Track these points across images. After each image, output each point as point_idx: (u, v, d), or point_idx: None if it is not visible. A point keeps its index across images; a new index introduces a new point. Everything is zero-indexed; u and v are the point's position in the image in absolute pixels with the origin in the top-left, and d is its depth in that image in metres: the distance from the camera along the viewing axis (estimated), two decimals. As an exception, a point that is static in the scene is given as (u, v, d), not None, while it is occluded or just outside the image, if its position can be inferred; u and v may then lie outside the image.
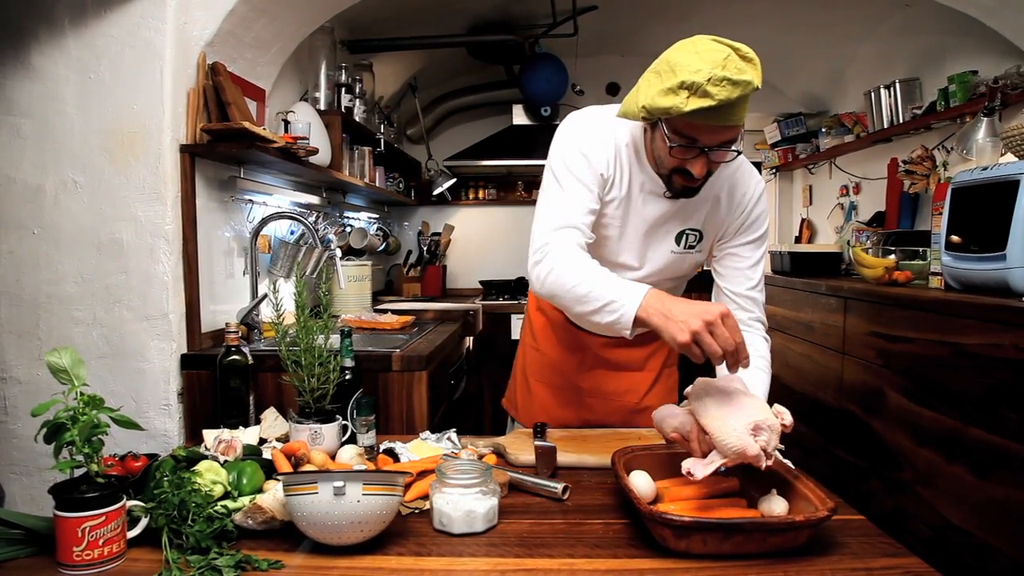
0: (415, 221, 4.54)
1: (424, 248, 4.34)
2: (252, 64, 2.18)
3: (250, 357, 1.63)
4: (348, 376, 1.53)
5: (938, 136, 2.95)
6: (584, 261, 1.22)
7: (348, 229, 3.34)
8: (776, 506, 1.05)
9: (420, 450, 1.40)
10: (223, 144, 1.88)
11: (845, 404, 2.51)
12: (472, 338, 3.19)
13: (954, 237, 2.05)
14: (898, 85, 3.08)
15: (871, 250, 2.69)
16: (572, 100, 4.00)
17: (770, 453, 1.03)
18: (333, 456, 1.31)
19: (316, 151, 2.25)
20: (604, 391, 1.64)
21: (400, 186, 3.92)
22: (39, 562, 0.96)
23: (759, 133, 4.49)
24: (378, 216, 4.09)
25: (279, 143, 1.97)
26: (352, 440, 1.41)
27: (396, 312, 2.74)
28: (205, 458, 1.17)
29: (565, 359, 1.64)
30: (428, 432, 1.50)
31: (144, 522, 1.01)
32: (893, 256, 2.55)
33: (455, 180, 4.19)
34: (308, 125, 2.22)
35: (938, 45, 2.97)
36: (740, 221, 1.38)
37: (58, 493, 0.93)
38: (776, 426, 1.05)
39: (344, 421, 1.42)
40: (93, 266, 1.82)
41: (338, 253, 2.38)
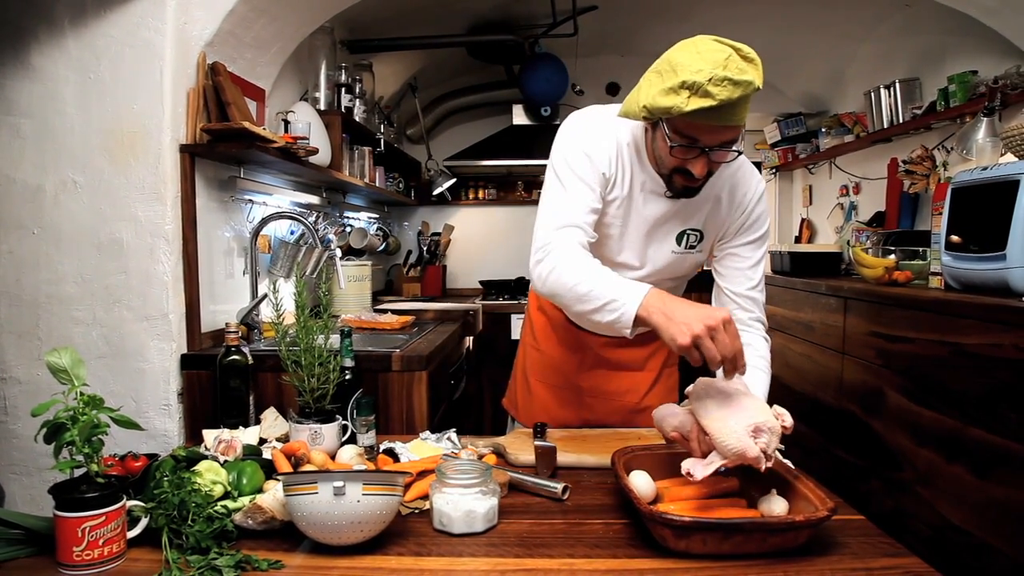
0: (415, 221, 4.54)
1: (424, 248, 4.34)
2: (252, 64, 2.18)
3: (250, 357, 1.63)
4: (348, 376, 1.53)
5: (938, 136, 2.95)
6: (585, 260, 1.22)
7: (348, 229, 3.34)
8: (776, 506, 1.05)
9: (420, 450, 1.39)
10: (223, 144, 1.88)
11: (845, 404, 2.51)
12: (472, 338, 3.19)
13: (954, 237, 2.05)
14: (898, 85, 3.08)
15: (871, 250, 2.69)
16: (572, 100, 4.00)
17: (770, 455, 1.03)
18: (333, 456, 1.31)
19: (316, 151, 2.25)
20: (604, 391, 1.64)
21: (400, 186, 3.92)
22: (39, 562, 0.96)
23: (759, 133, 4.49)
24: (378, 216, 4.09)
25: (279, 143, 1.97)
26: (352, 440, 1.41)
27: (396, 312, 2.74)
28: (205, 458, 1.17)
29: (565, 359, 1.64)
30: (428, 432, 1.50)
31: (144, 522, 1.01)
32: (893, 256, 2.55)
33: (455, 180, 4.19)
34: (308, 125, 2.22)
35: (938, 45, 2.97)
36: (741, 221, 1.38)
37: (58, 493, 0.93)
38: (776, 428, 1.05)
39: (344, 421, 1.42)
40: (93, 266, 1.82)
41: (338, 253, 2.38)
